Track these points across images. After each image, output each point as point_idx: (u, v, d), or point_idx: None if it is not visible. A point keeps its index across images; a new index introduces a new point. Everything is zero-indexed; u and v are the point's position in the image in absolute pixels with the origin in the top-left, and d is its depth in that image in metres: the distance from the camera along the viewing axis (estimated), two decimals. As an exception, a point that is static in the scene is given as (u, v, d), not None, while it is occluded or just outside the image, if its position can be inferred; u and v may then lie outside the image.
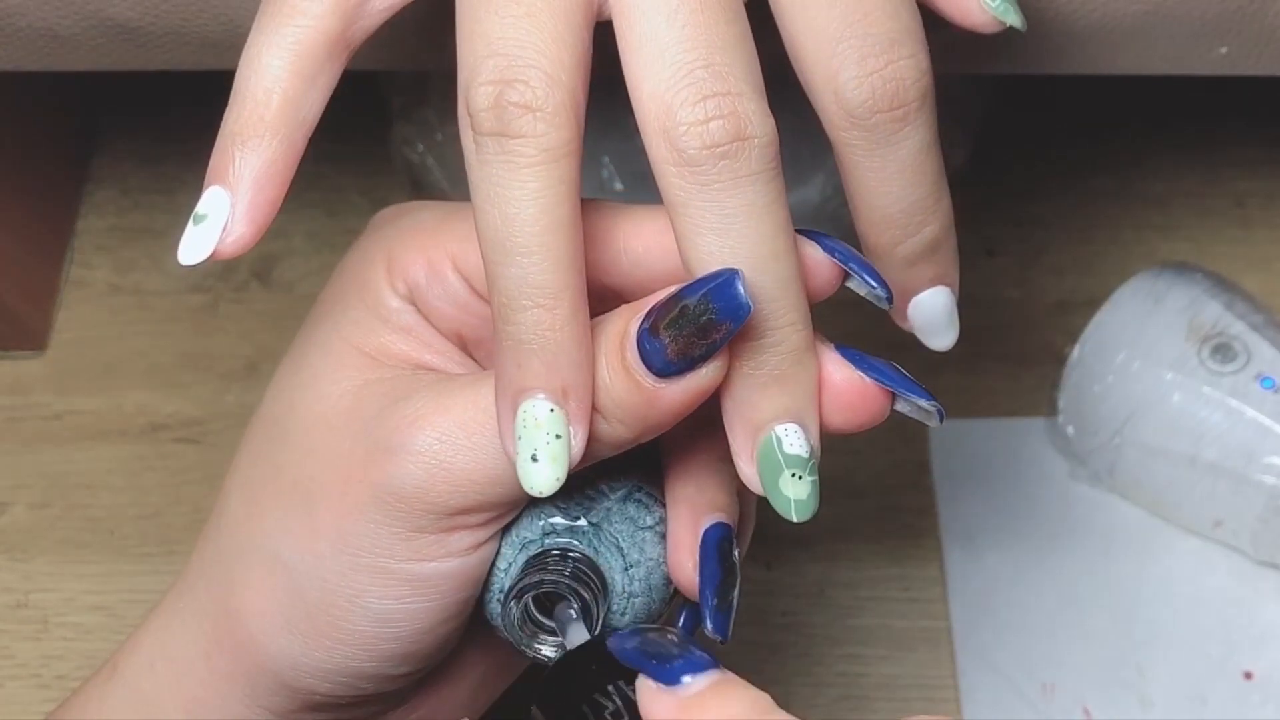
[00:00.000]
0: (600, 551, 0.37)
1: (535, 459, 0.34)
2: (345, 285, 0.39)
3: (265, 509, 0.38)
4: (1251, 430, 0.55)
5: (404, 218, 0.39)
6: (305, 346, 0.39)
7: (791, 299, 0.34)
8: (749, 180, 0.33)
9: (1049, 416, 0.60)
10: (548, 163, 0.33)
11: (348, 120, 0.65)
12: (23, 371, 0.65)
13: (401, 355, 0.38)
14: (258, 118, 0.35)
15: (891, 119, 0.34)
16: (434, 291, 0.37)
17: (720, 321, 0.33)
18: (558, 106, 0.33)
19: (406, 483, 0.35)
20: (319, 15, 0.35)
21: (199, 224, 0.35)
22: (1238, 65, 0.44)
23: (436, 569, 0.36)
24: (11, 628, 0.59)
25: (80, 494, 0.62)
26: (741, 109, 0.32)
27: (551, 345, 0.33)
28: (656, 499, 0.38)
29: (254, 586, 0.38)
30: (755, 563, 0.59)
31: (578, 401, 0.34)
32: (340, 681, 0.38)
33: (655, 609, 0.38)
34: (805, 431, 0.35)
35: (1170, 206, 0.67)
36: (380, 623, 0.37)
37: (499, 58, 0.33)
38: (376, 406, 0.36)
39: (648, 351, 0.33)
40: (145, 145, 0.70)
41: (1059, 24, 0.41)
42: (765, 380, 0.34)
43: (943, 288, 0.37)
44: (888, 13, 0.34)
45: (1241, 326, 0.56)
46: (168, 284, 0.66)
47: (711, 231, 0.33)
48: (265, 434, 0.39)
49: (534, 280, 0.33)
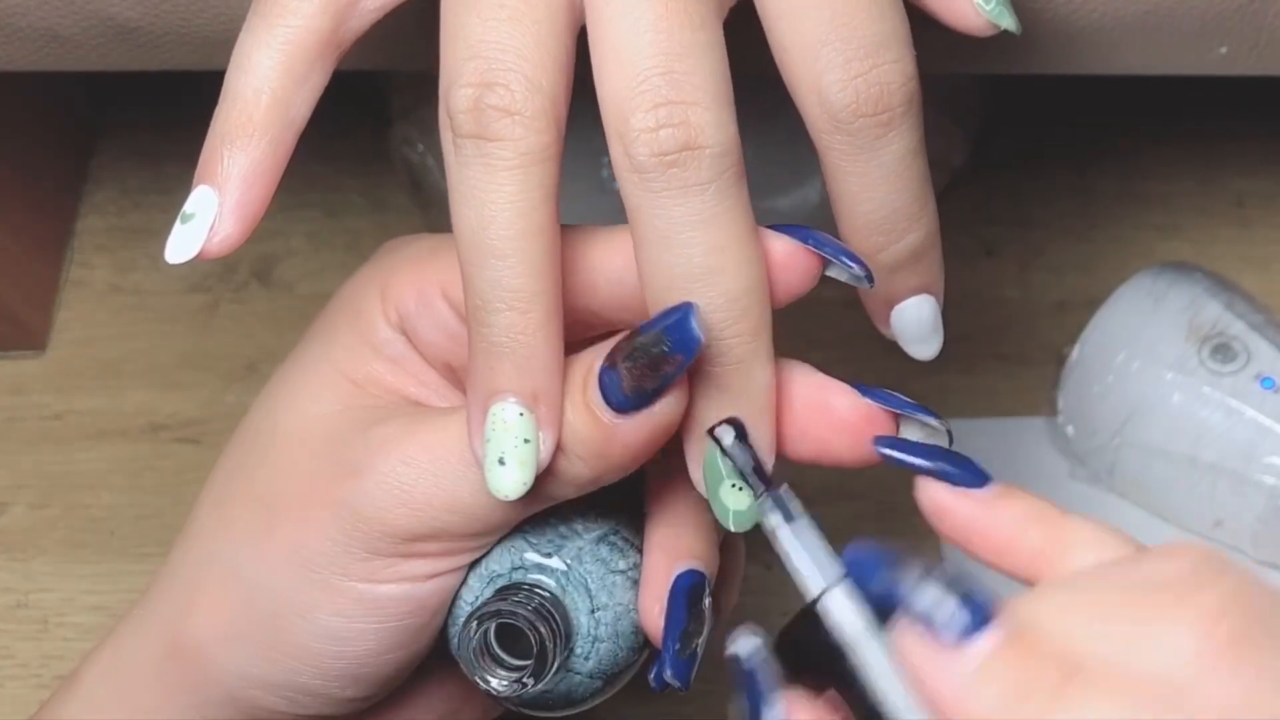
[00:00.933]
0: (568, 591, 0.37)
1: (502, 462, 0.34)
2: (341, 311, 0.39)
3: (231, 521, 0.38)
4: (1251, 430, 0.55)
5: (403, 248, 0.39)
6: (295, 366, 0.39)
7: (739, 312, 0.33)
8: (698, 190, 0.32)
9: (1049, 416, 0.60)
10: (525, 167, 0.33)
11: (348, 120, 0.65)
12: (23, 371, 0.64)
13: (387, 385, 0.38)
14: (246, 117, 0.35)
15: (875, 123, 0.34)
16: (423, 321, 0.37)
17: (672, 354, 0.32)
18: (537, 111, 0.33)
19: (366, 503, 0.35)
20: (309, 15, 0.35)
21: (186, 223, 0.35)
22: (1238, 65, 0.44)
23: (388, 591, 0.36)
24: (11, 628, 0.59)
25: (80, 494, 0.61)
26: (694, 118, 0.32)
27: (524, 349, 0.33)
28: (634, 545, 0.38)
29: (209, 596, 0.38)
30: (755, 563, 0.58)
31: (548, 407, 0.34)
32: (286, 696, 0.38)
33: (623, 656, 0.38)
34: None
35: (1170, 206, 0.67)
36: (328, 639, 0.37)
37: (479, 60, 0.33)
38: (351, 430, 0.37)
39: (606, 386, 0.33)
40: (145, 145, 0.70)
41: (1059, 24, 0.41)
42: (713, 391, 0.34)
43: (926, 297, 0.38)
44: (873, 16, 0.34)
45: (1241, 326, 0.56)
46: (168, 284, 0.66)
47: (659, 240, 0.33)
48: (244, 448, 0.39)
49: (508, 284, 0.33)
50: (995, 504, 0.33)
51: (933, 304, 0.38)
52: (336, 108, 0.36)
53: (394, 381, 0.38)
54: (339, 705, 0.38)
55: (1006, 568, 0.32)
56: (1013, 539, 0.32)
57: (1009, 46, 0.42)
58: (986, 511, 0.33)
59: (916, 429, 0.35)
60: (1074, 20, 0.41)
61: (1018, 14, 0.37)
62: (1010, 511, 0.32)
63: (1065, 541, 0.32)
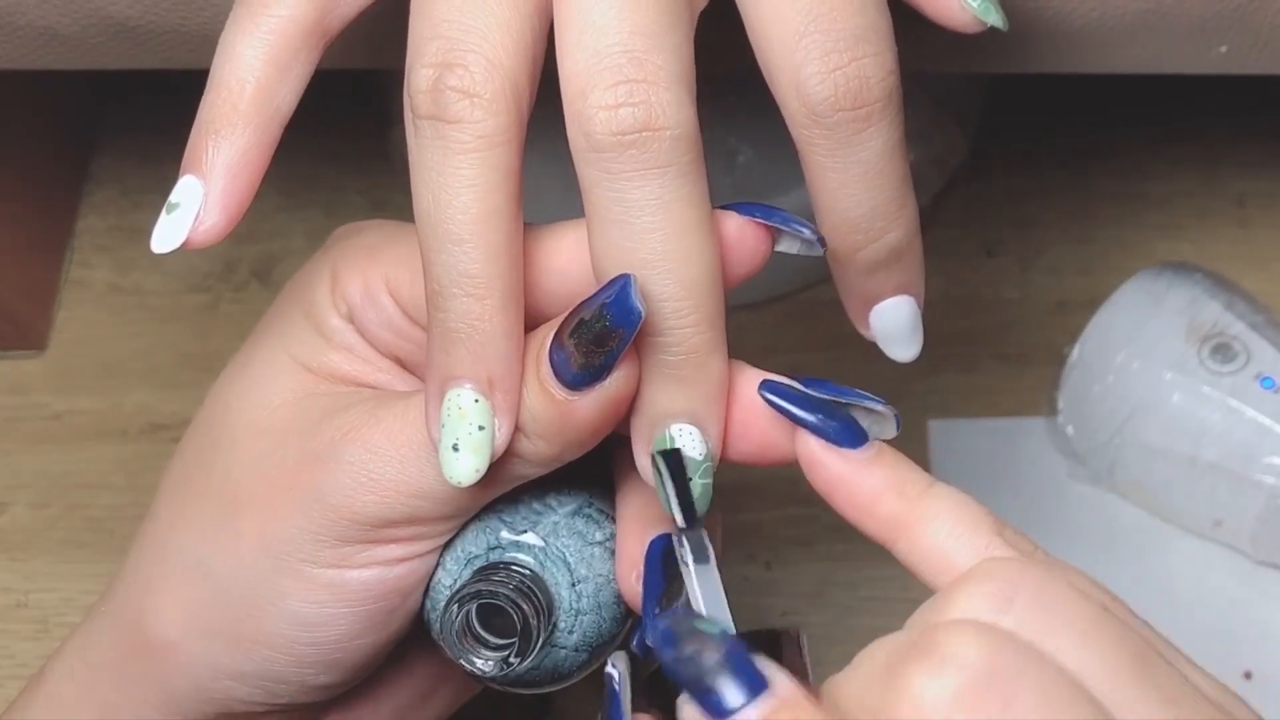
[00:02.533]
0: (546, 567, 0.37)
1: (456, 448, 0.33)
2: (294, 300, 0.38)
3: (188, 515, 0.38)
4: (1251, 430, 0.55)
5: (353, 236, 0.38)
6: (250, 356, 0.38)
7: (694, 301, 0.33)
8: (657, 173, 0.32)
9: (1049, 416, 0.60)
10: (483, 150, 0.32)
11: (348, 120, 0.65)
12: (23, 371, 0.64)
13: (343, 374, 0.37)
14: (230, 107, 0.35)
15: (854, 118, 0.33)
16: (369, 315, 0.37)
17: (614, 328, 0.32)
18: (496, 92, 0.32)
19: (333, 492, 0.35)
20: (293, 4, 0.35)
21: (171, 212, 0.35)
22: (1238, 65, 0.44)
23: (359, 577, 0.36)
24: (11, 628, 0.59)
25: (80, 494, 0.62)
26: (655, 98, 0.32)
27: (479, 335, 0.33)
28: (608, 515, 0.38)
29: (170, 592, 0.38)
30: (755, 562, 0.59)
31: (504, 394, 0.33)
32: (261, 686, 0.37)
33: (606, 627, 0.38)
34: (703, 434, 0.34)
35: (1170, 206, 0.67)
36: (301, 626, 0.36)
37: (441, 40, 0.33)
38: (313, 419, 0.36)
39: (557, 364, 0.33)
40: (145, 145, 0.70)
41: (1058, 23, 0.41)
42: (662, 379, 0.34)
43: (906, 297, 0.37)
44: (854, 8, 0.33)
45: (1241, 326, 0.56)
46: (168, 284, 0.66)
47: (614, 224, 0.33)
48: (200, 440, 0.39)
49: (464, 269, 0.33)
50: (863, 466, 0.33)
51: (912, 304, 0.37)
52: (336, 108, 0.36)
53: (349, 370, 0.37)
54: (314, 692, 0.38)
55: (868, 530, 0.33)
56: (873, 503, 0.33)
57: (1007, 46, 0.42)
58: (854, 472, 0.33)
59: (863, 416, 0.35)
60: (1073, 19, 0.41)
61: (1009, 12, 0.37)
62: (875, 477, 0.33)
63: (920, 514, 0.32)
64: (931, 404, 0.61)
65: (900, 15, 0.35)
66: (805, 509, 0.58)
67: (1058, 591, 0.29)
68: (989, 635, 0.28)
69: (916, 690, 0.27)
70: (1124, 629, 0.29)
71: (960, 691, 0.27)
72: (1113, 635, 0.28)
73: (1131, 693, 0.28)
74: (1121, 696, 0.28)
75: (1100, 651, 0.28)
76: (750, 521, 0.59)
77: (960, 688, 0.27)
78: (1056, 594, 0.29)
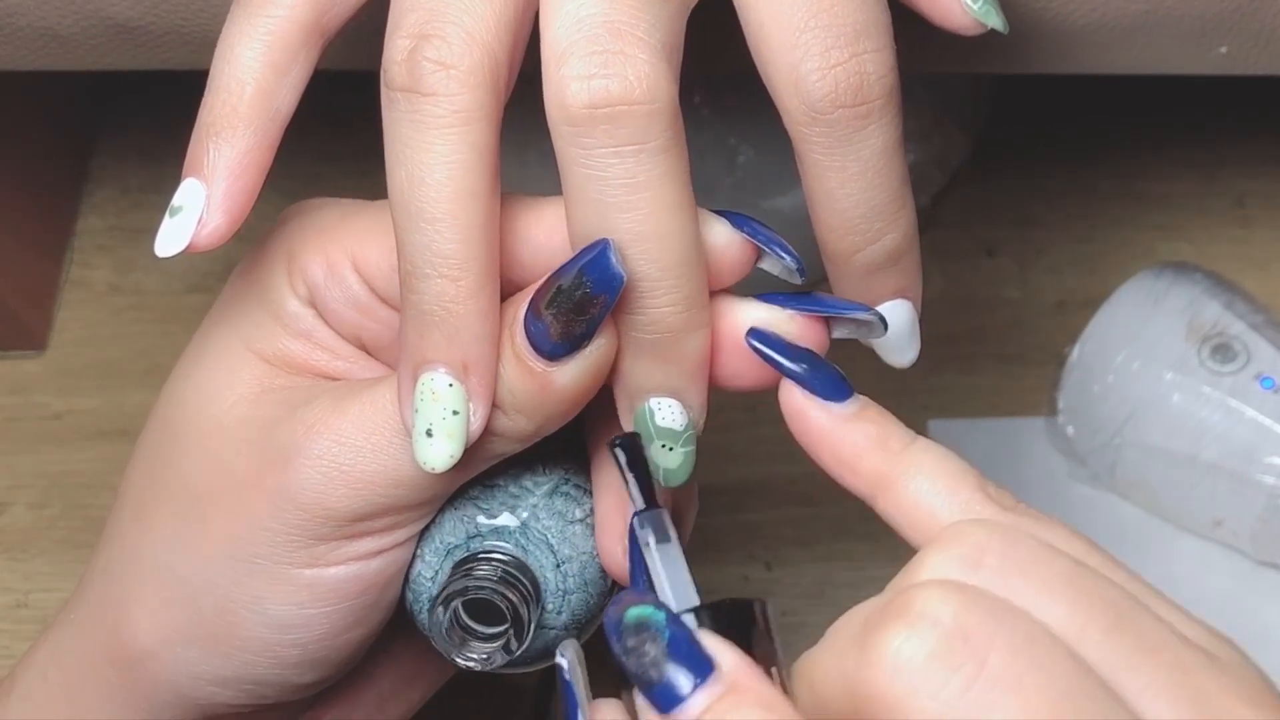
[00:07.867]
0: (529, 551, 0.36)
1: (430, 434, 0.33)
2: (246, 286, 0.37)
3: (155, 520, 0.37)
4: (1251, 430, 0.55)
5: (307, 214, 0.37)
6: (202, 347, 0.38)
7: (672, 281, 0.32)
8: (632, 150, 0.31)
9: (1049, 416, 0.60)
10: (458, 125, 0.31)
11: (348, 120, 0.65)
12: (23, 371, 0.64)
13: (302, 363, 0.36)
14: (231, 109, 0.34)
15: (854, 115, 0.33)
16: (333, 294, 0.36)
17: (595, 294, 0.31)
18: (474, 65, 0.31)
19: (303, 490, 0.34)
20: (291, 5, 0.34)
21: (175, 216, 0.34)
22: (1238, 65, 0.44)
23: (336, 575, 0.35)
24: (11, 628, 0.59)
25: (80, 494, 0.61)
26: (632, 71, 0.31)
27: (454, 318, 0.32)
28: (585, 490, 0.37)
29: (146, 603, 0.37)
30: (755, 562, 0.59)
31: (479, 377, 0.33)
32: (244, 689, 0.37)
33: (594, 604, 0.37)
34: (683, 406, 0.34)
35: (1170, 206, 0.67)
36: (279, 629, 0.36)
37: (421, 11, 0.32)
38: (274, 414, 0.35)
39: (534, 335, 0.32)
40: (145, 145, 0.70)
41: (1058, 24, 0.41)
42: (641, 354, 0.33)
43: (904, 301, 0.36)
44: (855, 4, 0.33)
45: (1241, 326, 0.56)
46: (168, 284, 0.66)
47: (590, 202, 0.32)
48: (158, 439, 0.38)
49: (438, 249, 0.32)
50: (846, 421, 0.33)
51: (910, 309, 0.36)
52: (337, 107, 0.36)
53: (308, 358, 0.36)
54: (299, 691, 0.37)
55: (850, 485, 0.33)
56: (856, 458, 0.33)
57: (1008, 46, 0.42)
58: (837, 426, 0.33)
59: (849, 327, 0.34)
60: (1073, 20, 0.41)
61: (1011, 13, 0.36)
62: (858, 432, 0.33)
63: (903, 469, 0.32)
64: (931, 404, 0.61)
65: (900, 16, 0.35)
66: (805, 509, 0.58)
67: (1027, 549, 0.28)
68: (961, 592, 0.27)
69: (890, 651, 0.27)
70: (1099, 581, 0.28)
71: (935, 650, 0.26)
72: (1086, 588, 0.28)
73: (1108, 643, 0.27)
74: (1099, 650, 0.27)
75: (1072, 605, 0.27)
76: (750, 521, 0.59)
77: (934, 646, 0.26)
78: (1026, 551, 0.28)
